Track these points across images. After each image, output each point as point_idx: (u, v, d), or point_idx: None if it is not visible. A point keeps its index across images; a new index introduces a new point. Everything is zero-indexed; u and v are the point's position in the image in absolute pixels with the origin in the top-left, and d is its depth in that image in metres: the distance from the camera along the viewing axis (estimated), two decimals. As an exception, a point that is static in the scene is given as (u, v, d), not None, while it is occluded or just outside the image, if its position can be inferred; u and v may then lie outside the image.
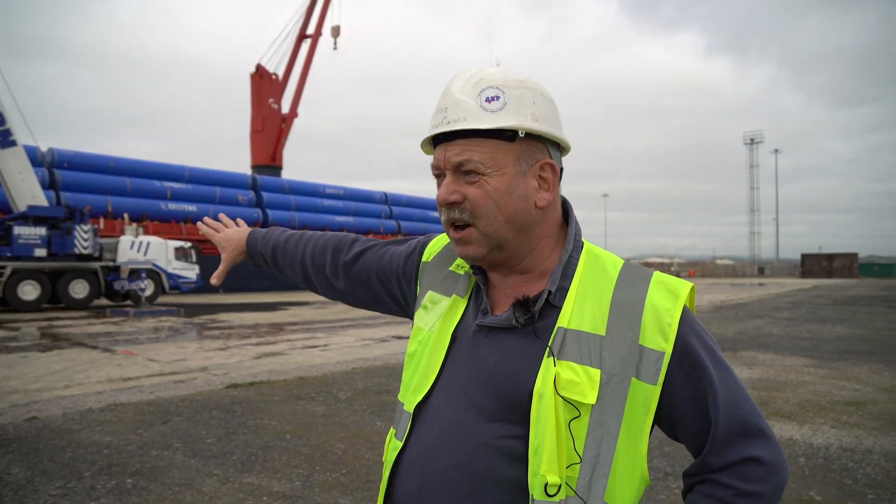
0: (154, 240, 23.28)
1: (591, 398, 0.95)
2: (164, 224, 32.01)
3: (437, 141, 1.07)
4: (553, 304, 1.03)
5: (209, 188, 36.59)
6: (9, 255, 19.35)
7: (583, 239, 1.13)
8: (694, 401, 0.99)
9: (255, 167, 44.99)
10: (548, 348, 0.98)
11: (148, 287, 21.15)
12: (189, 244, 24.80)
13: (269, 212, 38.95)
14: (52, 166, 30.39)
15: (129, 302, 21.75)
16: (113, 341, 12.07)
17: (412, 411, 1.10)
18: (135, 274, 21.32)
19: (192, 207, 34.70)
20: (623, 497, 0.97)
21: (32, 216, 20.04)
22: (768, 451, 0.98)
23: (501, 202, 1.02)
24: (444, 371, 1.09)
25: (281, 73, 46.33)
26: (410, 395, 1.12)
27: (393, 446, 1.14)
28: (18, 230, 19.63)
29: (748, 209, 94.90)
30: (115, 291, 21.50)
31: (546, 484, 0.94)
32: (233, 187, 38.28)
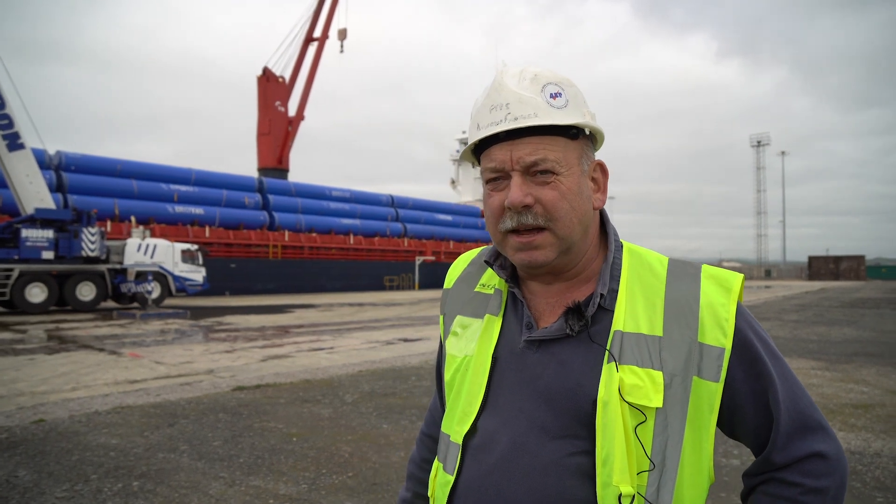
0: (161, 242, 23.35)
1: (657, 401, 0.94)
2: (170, 227, 32.11)
3: (490, 141, 1.00)
4: (605, 308, 1.01)
5: (216, 191, 36.69)
6: (16, 257, 19.44)
7: (621, 239, 1.10)
8: (755, 396, 0.98)
9: (262, 170, 45.12)
10: (607, 353, 0.96)
11: (154, 289, 21.22)
12: (195, 247, 24.87)
13: (276, 214, 39.02)
14: (59, 169, 30.53)
15: (135, 304, 21.82)
16: (119, 344, 12.11)
17: (461, 442, 1.05)
18: (141, 276, 21.39)
19: (198, 210, 34.79)
20: (691, 500, 0.96)
21: (40, 219, 20.13)
22: (829, 444, 0.97)
23: (575, 203, 0.99)
24: (492, 394, 1.04)
25: (288, 76, 46.48)
26: (456, 425, 1.07)
27: (443, 481, 1.07)
28: (26, 233, 19.72)
29: (755, 211, 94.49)
30: (121, 294, 21.58)
31: (620, 495, 0.92)
32: (239, 190, 38.37)
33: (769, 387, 0.98)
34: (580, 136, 1.01)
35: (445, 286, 1.24)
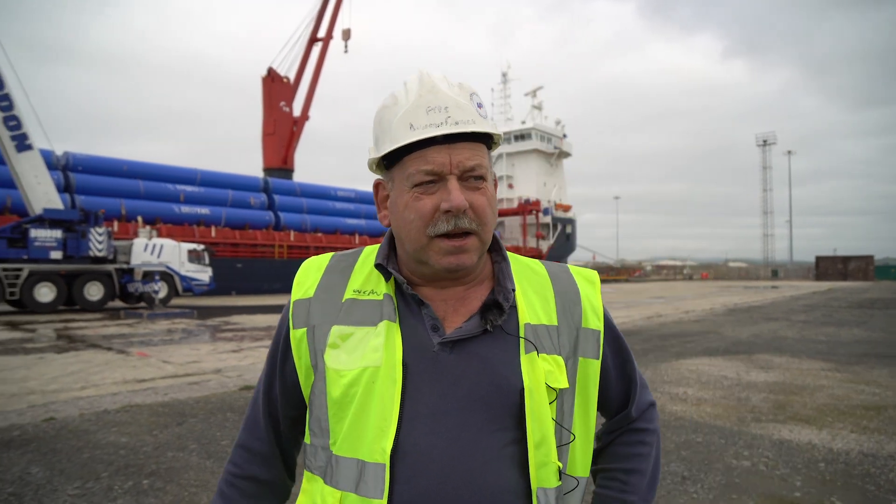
0: (167, 242, 23.42)
1: (564, 383, 1.06)
2: (177, 227, 32.22)
3: (422, 143, 0.99)
4: (511, 305, 1.08)
5: (221, 191, 36.80)
6: (25, 257, 19.54)
7: None
8: (620, 367, 1.19)
9: (267, 170, 45.20)
10: (528, 343, 1.04)
11: (161, 289, 21.29)
12: (202, 247, 24.94)
13: (281, 214, 39.10)
14: (66, 170, 30.68)
15: (142, 304, 21.89)
16: (127, 343, 12.15)
17: (387, 460, 0.95)
18: (148, 276, 21.47)
19: (204, 210, 34.92)
20: (584, 465, 1.11)
21: (48, 219, 20.23)
22: (652, 395, 1.26)
23: (494, 210, 1.05)
24: (408, 404, 0.98)
25: (292, 77, 46.55)
26: (371, 443, 0.97)
27: None
28: (35, 233, 19.82)
29: (761, 211, 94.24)
30: (129, 293, 21.66)
31: (558, 469, 1.03)
32: (245, 190, 38.48)
33: (627, 358, 1.20)
34: (491, 147, 1.07)
35: (301, 296, 1.10)
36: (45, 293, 19.68)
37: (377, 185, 1.11)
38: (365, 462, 0.97)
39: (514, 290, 1.06)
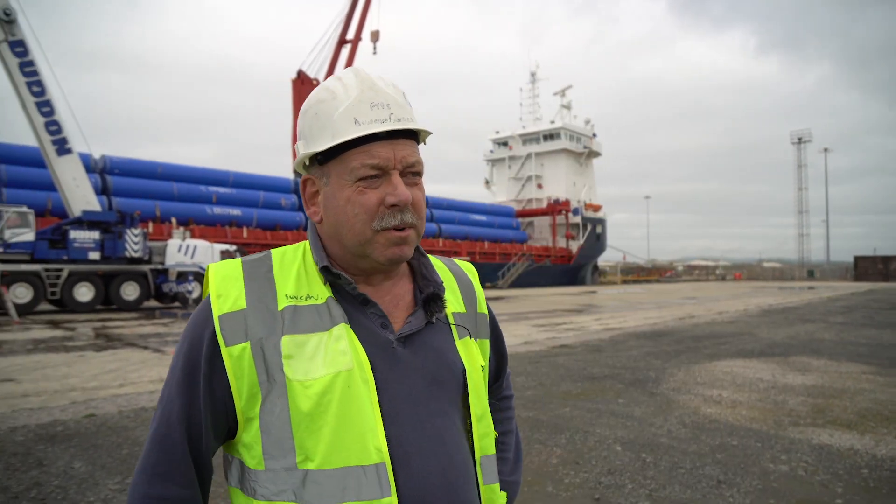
0: (200, 243, 23.81)
1: (485, 361, 1.21)
2: (209, 228, 32.74)
3: (365, 138, 1.01)
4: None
5: (253, 192, 37.30)
6: (65, 258, 20.03)
7: None
8: (497, 344, 1.31)
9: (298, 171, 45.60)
10: (460, 329, 1.15)
11: (195, 289, 21.63)
12: (234, 247, 25.29)
13: (312, 215, 39.37)
14: (104, 172, 31.39)
15: (176, 304, 22.30)
16: (163, 342, 12.37)
17: (387, 458, 0.96)
18: (182, 276, 21.85)
19: (236, 211, 35.42)
20: (490, 435, 1.19)
21: (87, 220, 20.71)
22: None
23: (425, 206, 1.09)
24: (384, 402, 0.99)
25: (322, 79, 46.94)
26: (362, 447, 0.96)
27: None
28: (74, 234, 20.31)
29: (796, 210, 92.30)
30: (163, 293, 22.07)
31: (496, 437, 1.17)
32: (276, 191, 38.96)
33: (500, 335, 1.33)
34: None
35: (229, 309, 1.00)
36: (84, 293, 20.15)
37: (305, 182, 1.09)
38: (361, 466, 0.95)
39: (442, 283, 1.14)
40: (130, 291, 21.27)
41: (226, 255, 24.34)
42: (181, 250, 22.95)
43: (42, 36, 20.93)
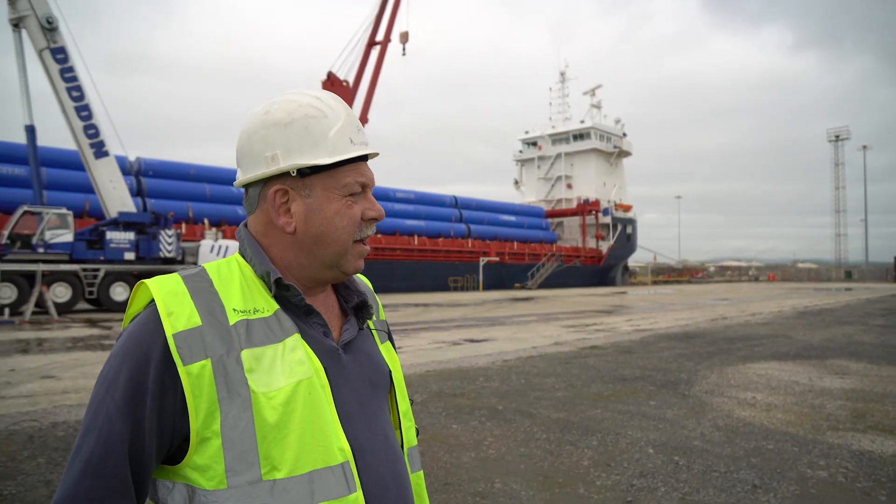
0: (232, 244, 24.10)
1: (398, 363, 1.28)
2: (241, 229, 33.12)
3: (355, 157, 1.10)
4: None
5: (284, 194, 37.62)
6: (102, 258, 20.48)
7: None
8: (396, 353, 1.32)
9: (328, 173, 45.98)
10: (382, 334, 1.25)
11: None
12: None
13: (341, 216, 39.70)
14: (139, 174, 32.02)
15: (209, 304, 22.60)
16: (196, 341, 12.56)
17: (351, 457, 1.02)
18: (215, 277, 22.13)
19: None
20: (412, 428, 1.28)
21: (122, 222, 21.14)
22: None
23: None
24: (338, 406, 1.05)
25: (351, 80, 47.21)
26: (326, 449, 1.00)
27: None
28: (110, 235, 20.74)
29: (833, 210, 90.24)
30: (196, 294, 22.37)
31: (416, 429, 1.26)
32: (306, 192, 39.23)
33: (394, 343, 1.33)
34: None
35: (184, 326, 0.97)
36: (120, 292, 20.56)
37: (278, 192, 1.07)
38: (328, 468, 1.00)
39: (366, 293, 1.23)
40: (164, 291, 21.61)
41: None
42: (213, 251, 23.28)
43: (79, 42, 21.42)
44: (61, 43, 20.14)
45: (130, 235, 21.11)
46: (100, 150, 21.13)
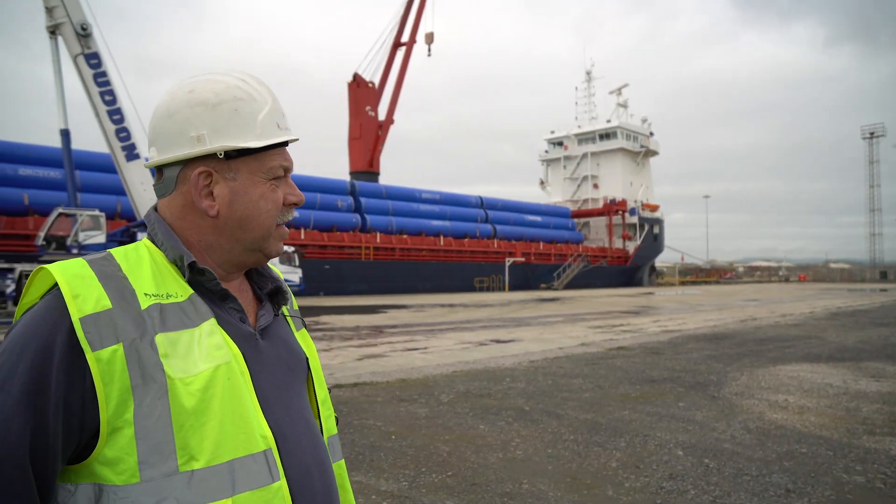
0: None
1: (314, 351, 1.25)
2: (269, 229, 33.48)
3: (277, 143, 1.09)
4: None
5: (310, 194, 37.96)
6: (132, 259, 20.88)
7: None
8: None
9: (354, 173, 46.32)
10: (297, 320, 1.24)
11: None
12: (292, 249, 25.84)
13: (368, 217, 39.95)
14: (169, 176, 32.48)
15: (238, 304, 22.89)
16: (225, 341, 12.72)
17: (273, 444, 0.99)
18: (243, 277, 22.42)
19: (293, 213, 36.08)
20: (332, 417, 1.27)
21: (152, 223, 21.53)
22: None
23: None
24: (257, 392, 1.01)
25: (377, 81, 47.49)
26: (248, 436, 0.96)
27: (267, 495, 0.96)
28: (141, 236, 21.12)
29: (867, 209, 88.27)
30: (224, 294, 22.70)
31: (336, 418, 1.25)
32: (332, 193, 39.58)
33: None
34: None
35: (93, 310, 0.90)
36: (150, 293, 20.94)
37: (202, 174, 1.03)
38: (249, 455, 0.96)
39: (280, 278, 1.22)
40: (193, 291, 21.97)
41: (283, 255, 24.87)
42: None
43: (111, 46, 21.84)
44: (95, 48, 20.56)
45: (160, 236, 21.48)
46: (131, 153, 21.51)
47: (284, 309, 1.20)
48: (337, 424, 1.28)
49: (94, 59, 20.53)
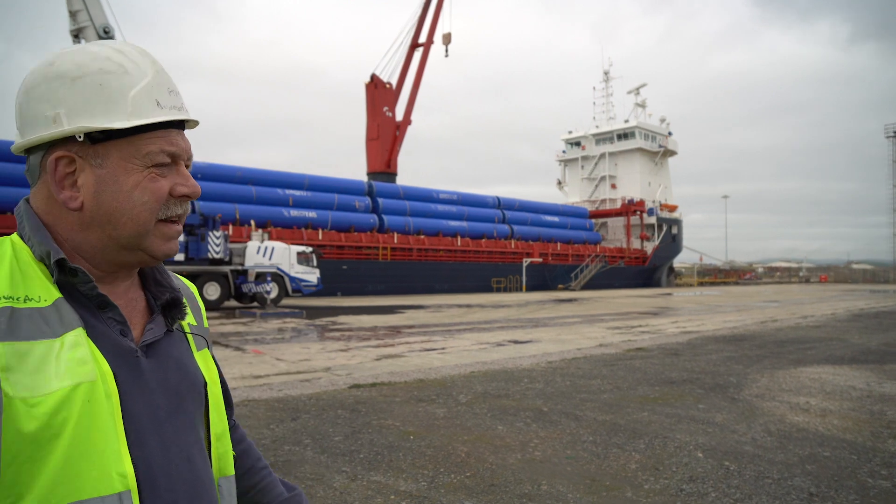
0: (278, 245, 24.55)
1: (216, 376, 1.08)
2: (286, 230, 33.74)
3: (163, 124, 0.92)
4: None
5: (328, 195, 38.21)
6: (152, 259, 21.11)
7: None
8: (217, 365, 1.13)
9: (371, 174, 46.49)
10: (199, 339, 1.06)
11: (273, 290, 22.33)
12: (310, 249, 25.96)
13: (385, 217, 40.08)
14: (188, 177, 32.79)
15: (255, 304, 23.06)
16: (243, 341, 12.82)
17: (133, 486, 0.82)
18: (261, 277, 22.60)
19: (312, 214, 36.37)
20: (228, 454, 1.09)
21: (173, 223, 21.76)
22: None
23: None
24: (127, 420, 0.85)
25: (395, 82, 47.62)
26: (100, 474, 0.79)
27: None
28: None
29: (891, 209, 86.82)
30: (242, 294, 22.89)
31: (234, 456, 1.07)
32: (350, 194, 39.77)
33: (215, 359, 1.13)
34: None
35: None
36: (170, 293, 21.14)
37: (60, 160, 0.88)
38: (99, 498, 0.79)
39: (179, 289, 1.04)
40: (212, 291, 22.16)
41: (302, 256, 25.04)
42: (260, 252, 23.73)
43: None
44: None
45: (181, 237, 21.66)
46: (152, 154, 21.78)
47: (185, 325, 1.04)
48: (237, 464, 1.10)
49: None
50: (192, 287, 1.17)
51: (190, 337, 1.04)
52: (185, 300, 1.04)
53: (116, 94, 0.88)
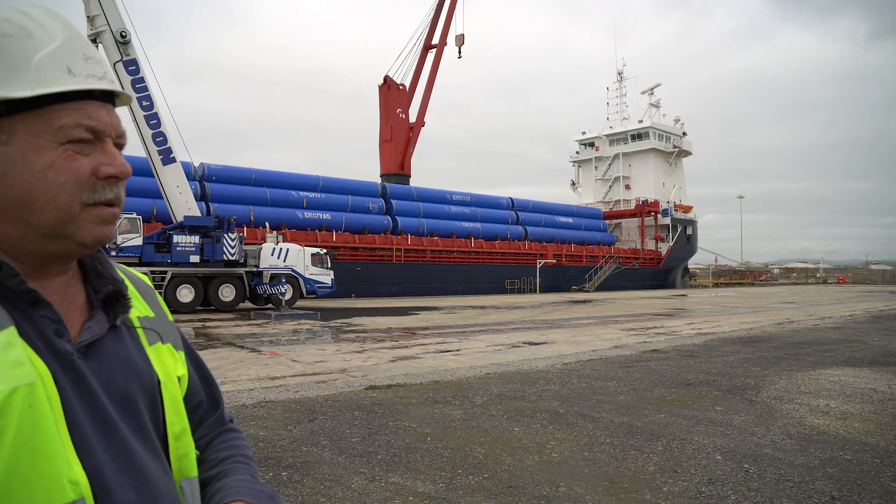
0: (292, 247, 24.65)
1: (183, 370, 1.03)
2: (300, 232, 33.89)
3: (78, 95, 0.82)
4: None
5: (341, 197, 38.32)
6: (169, 261, 21.27)
7: None
8: (197, 364, 1.11)
9: (385, 175, 46.56)
10: (150, 333, 0.98)
11: (287, 291, 22.43)
12: (324, 251, 26.06)
13: (399, 219, 40.14)
14: (203, 179, 33.08)
15: (270, 305, 23.17)
16: (258, 342, 12.89)
17: (88, 492, 0.76)
18: (275, 279, 22.70)
19: (326, 215, 36.50)
20: (190, 455, 1.03)
21: (188, 225, 21.92)
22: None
23: None
24: (70, 424, 0.78)
25: (408, 84, 47.67)
26: (50, 483, 0.73)
27: None
28: (177, 238, 21.52)
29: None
30: (257, 295, 23.03)
31: (198, 457, 1.01)
32: (364, 196, 39.88)
33: (196, 354, 1.12)
34: None
35: None
36: (186, 294, 21.29)
37: None
38: None
39: (123, 280, 0.95)
40: (227, 293, 22.31)
41: (316, 258, 25.14)
42: (274, 254, 23.85)
43: (147, 52, 22.33)
44: (133, 55, 21.05)
45: (195, 239, 21.84)
46: (167, 157, 21.97)
47: (134, 319, 0.95)
48: (200, 465, 1.03)
49: (132, 66, 21.03)
50: (145, 278, 1.08)
51: (140, 331, 0.96)
52: (134, 292, 0.98)
53: (18, 60, 0.78)
